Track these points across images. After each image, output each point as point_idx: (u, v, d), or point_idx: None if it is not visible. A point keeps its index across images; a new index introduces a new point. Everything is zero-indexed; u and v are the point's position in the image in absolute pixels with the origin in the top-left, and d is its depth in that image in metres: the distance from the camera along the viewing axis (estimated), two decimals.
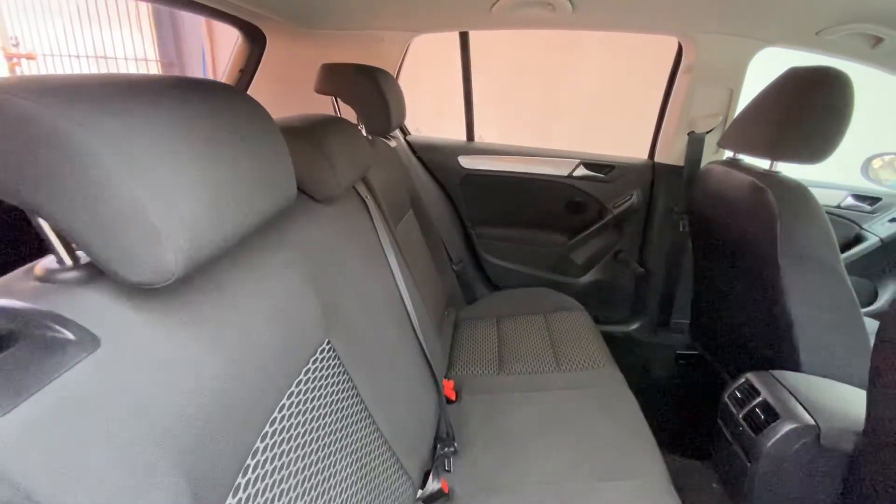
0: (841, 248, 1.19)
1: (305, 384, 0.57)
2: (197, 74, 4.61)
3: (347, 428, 0.63)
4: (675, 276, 1.63)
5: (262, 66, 1.47)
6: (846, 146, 0.90)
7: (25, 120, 0.31)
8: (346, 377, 0.66)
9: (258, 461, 0.46)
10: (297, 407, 0.54)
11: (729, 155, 1.20)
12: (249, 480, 0.45)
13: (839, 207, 1.63)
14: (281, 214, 0.52)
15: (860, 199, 1.63)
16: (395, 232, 1.12)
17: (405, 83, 1.41)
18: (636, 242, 1.70)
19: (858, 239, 1.62)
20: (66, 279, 0.37)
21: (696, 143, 1.49)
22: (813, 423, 0.79)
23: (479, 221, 1.80)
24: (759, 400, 0.88)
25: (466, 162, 1.72)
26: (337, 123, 0.86)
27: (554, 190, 1.70)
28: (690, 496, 1.10)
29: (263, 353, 0.50)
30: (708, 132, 1.48)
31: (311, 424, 0.56)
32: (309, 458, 0.54)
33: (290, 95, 1.50)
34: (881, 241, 1.58)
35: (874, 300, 1.66)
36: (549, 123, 3.83)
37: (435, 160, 1.73)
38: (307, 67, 1.26)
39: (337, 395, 0.63)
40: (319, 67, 1.19)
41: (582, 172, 1.67)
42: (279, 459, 0.49)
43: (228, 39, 1.55)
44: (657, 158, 1.62)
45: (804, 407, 0.82)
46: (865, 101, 1.05)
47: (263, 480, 0.46)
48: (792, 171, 0.98)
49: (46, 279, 0.37)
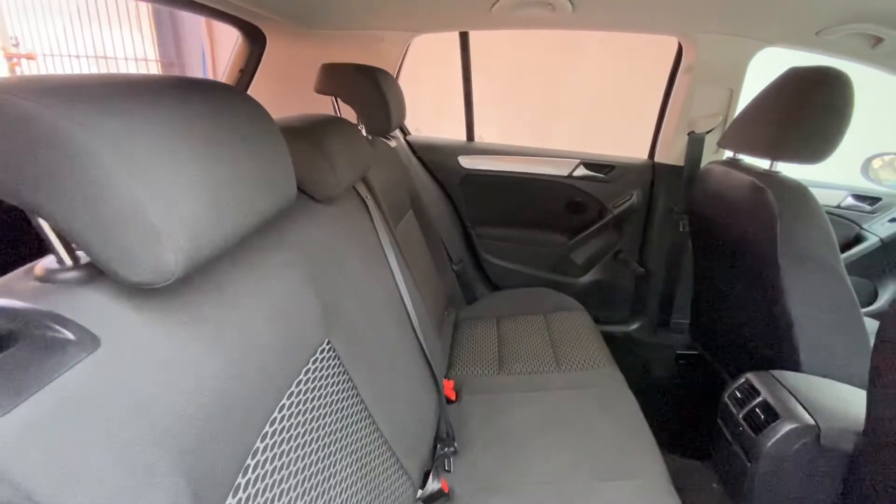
0: (841, 248, 1.19)
1: (305, 384, 0.57)
2: (197, 74, 4.61)
3: (347, 428, 0.63)
4: (675, 276, 1.63)
5: (262, 66, 1.47)
6: (846, 146, 0.90)
7: (26, 120, 0.31)
8: (346, 377, 0.66)
9: (258, 461, 0.46)
10: (297, 407, 0.54)
11: (729, 155, 1.20)
12: (249, 480, 0.45)
13: (839, 207, 1.63)
14: (281, 214, 0.52)
15: (860, 199, 1.63)
16: (395, 232, 1.12)
17: (405, 83, 1.41)
18: (636, 242, 1.70)
19: (858, 239, 1.62)
20: (66, 279, 0.37)
21: (696, 143, 1.49)
22: (813, 423, 0.79)
23: (479, 221, 1.80)
24: (759, 400, 0.88)
25: (466, 162, 1.72)
26: (337, 123, 0.86)
27: (554, 190, 1.70)
28: (690, 496, 1.10)
29: (263, 352, 0.50)
30: (708, 132, 1.48)
31: (311, 424, 0.56)
32: (309, 457, 0.54)
33: (290, 95, 1.50)
34: (881, 241, 1.58)
35: (874, 300, 1.66)
36: (549, 123, 3.83)
37: (435, 160, 1.73)
38: (307, 67, 1.26)
39: (337, 394, 0.63)
40: (319, 67, 1.19)
41: (582, 172, 1.67)
42: (279, 459, 0.49)
43: (228, 39, 1.55)
44: (657, 158, 1.62)
45: (804, 407, 0.82)
46: (865, 101, 1.05)
47: (263, 480, 0.46)
48: (792, 171, 0.98)
49: (46, 279, 0.37)
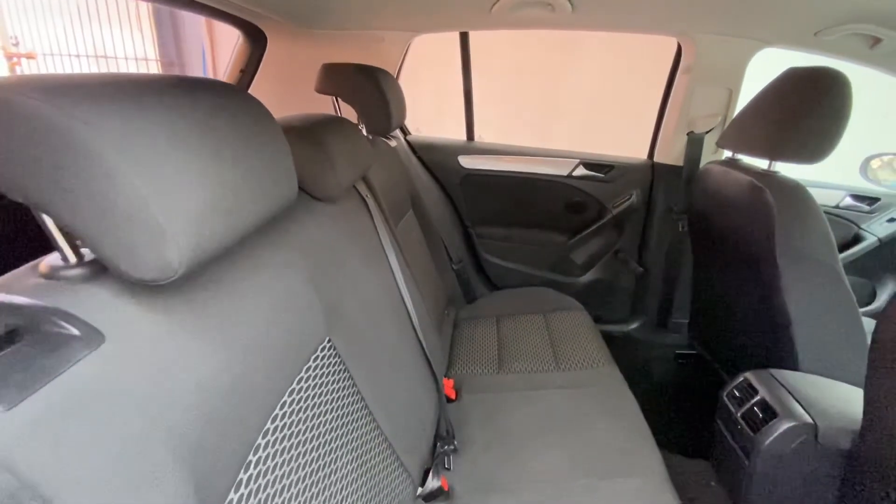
0: (839, 248, 1.19)
1: (306, 382, 0.57)
2: (197, 74, 4.60)
3: (348, 425, 0.64)
4: (674, 275, 1.63)
5: (262, 65, 1.47)
6: (844, 146, 0.91)
7: (32, 118, 0.31)
8: (346, 375, 0.66)
9: (260, 457, 0.47)
10: (298, 404, 0.54)
11: (728, 155, 1.20)
12: (251, 476, 0.45)
13: (837, 207, 1.64)
14: (282, 213, 0.52)
15: (858, 199, 1.63)
16: (395, 231, 1.12)
17: (405, 83, 1.42)
18: (635, 242, 1.70)
19: (857, 239, 1.63)
20: (70, 276, 0.38)
21: (695, 143, 1.49)
22: (811, 421, 0.79)
23: (479, 221, 1.80)
24: (757, 399, 0.88)
25: (466, 162, 1.73)
26: (337, 123, 0.86)
27: (554, 190, 1.71)
28: (690, 495, 1.11)
29: (265, 350, 0.50)
30: (707, 132, 1.49)
31: (311, 422, 0.56)
32: (310, 454, 0.55)
33: (290, 95, 1.50)
34: (879, 240, 1.59)
35: (872, 300, 1.67)
36: (549, 123, 3.83)
37: (435, 160, 1.73)
38: (308, 67, 1.26)
39: (337, 392, 0.63)
40: (320, 67, 1.19)
41: (581, 172, 1.67)
42: (280, 456, 0.50)
43: (228, 39, 1.55)
44: (656, 158, 1.62)
45: (802, 405, 0.82)
46: (864, 101, 1.05)
47: (265, 477, 0.47)
48: (790, 171, 0.98)
49: (51, 276, 0.37)
